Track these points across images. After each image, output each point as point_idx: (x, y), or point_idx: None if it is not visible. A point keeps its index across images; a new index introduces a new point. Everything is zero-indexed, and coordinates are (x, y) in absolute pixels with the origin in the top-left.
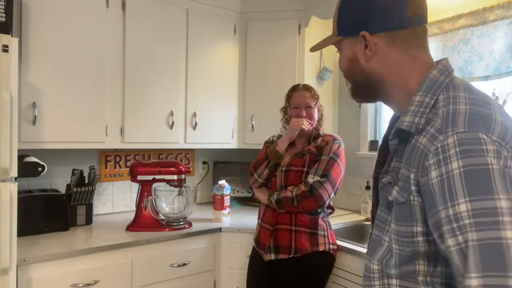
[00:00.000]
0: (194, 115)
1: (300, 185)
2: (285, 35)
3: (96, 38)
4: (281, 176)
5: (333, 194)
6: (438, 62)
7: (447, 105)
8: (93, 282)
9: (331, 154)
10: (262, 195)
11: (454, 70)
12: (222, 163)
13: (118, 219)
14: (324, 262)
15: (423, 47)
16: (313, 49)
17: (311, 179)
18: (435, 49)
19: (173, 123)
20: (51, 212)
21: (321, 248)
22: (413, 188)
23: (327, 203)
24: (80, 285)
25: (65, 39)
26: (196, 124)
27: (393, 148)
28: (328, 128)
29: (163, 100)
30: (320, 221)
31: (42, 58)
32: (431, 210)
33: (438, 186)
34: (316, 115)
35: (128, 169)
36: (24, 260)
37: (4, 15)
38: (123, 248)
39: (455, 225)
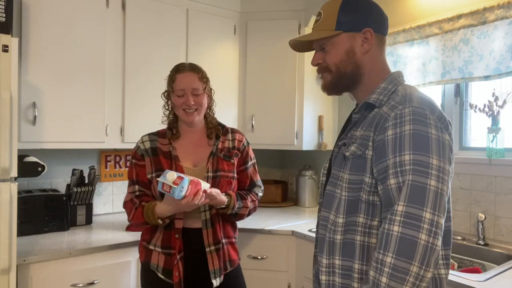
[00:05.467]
0: None
1: (252, 195)
2: (285, 35)
3: (96, 38)
4: (210, 184)
5: None
6: (395, 71)
7: (405, 91)
8: (93, 282)
9: (253, 160)
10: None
11: (454, 70)
12: None
13: (118, 219)
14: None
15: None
16: (303, 38)
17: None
18: (435, 49)
19: None
20: (51, 212)
21: (238, 255)
22: (370, 143)
23: None
24: (80, 285)
25: (65, 39)
26: None
27: (354, 120)
28: (328, 128)
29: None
30: (236, 226)
31: (42, 58)
32: (380, 158)
33: (392, 141)
34: (205, 102)
35: (128, 169)
36: (24, 260)
37: (4, 15)
38: (123, 248)
39: (398, 169)
